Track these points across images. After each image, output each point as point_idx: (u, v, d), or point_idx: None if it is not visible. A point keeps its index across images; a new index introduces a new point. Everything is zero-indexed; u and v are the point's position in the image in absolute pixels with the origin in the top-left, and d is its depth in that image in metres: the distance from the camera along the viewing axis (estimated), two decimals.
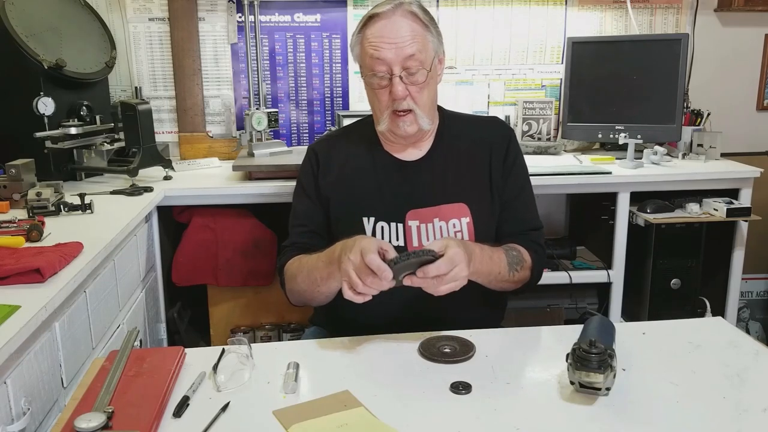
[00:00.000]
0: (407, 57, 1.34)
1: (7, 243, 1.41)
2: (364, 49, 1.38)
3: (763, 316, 2.96)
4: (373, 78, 1.37)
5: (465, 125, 1.53)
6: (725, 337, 1.22)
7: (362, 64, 1.41)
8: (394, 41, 1.34)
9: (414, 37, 1.35)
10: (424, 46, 1.37)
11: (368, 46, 1.36)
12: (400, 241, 1.41)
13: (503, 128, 1.54)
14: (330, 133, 1.61)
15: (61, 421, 0.92)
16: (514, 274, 1.38)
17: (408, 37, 1.34)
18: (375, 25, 1.36)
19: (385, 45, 1.34)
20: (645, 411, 0.97)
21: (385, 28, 1.35)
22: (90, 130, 2.14)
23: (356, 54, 1.43)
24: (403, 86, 1.35)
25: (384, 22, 1.35)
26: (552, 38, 2.70)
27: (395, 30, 1.34)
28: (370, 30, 1.37)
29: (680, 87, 2.43)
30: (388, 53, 1.34)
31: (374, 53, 1.35)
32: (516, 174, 1.49)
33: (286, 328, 2.28)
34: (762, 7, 2.69)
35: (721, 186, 2.33)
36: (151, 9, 2.52)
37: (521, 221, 1.48)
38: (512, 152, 1.50)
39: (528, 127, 2.69)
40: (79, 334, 1.35)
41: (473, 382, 1.04)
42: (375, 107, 1.43)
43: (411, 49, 1.34)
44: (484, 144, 1.48)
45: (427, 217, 1.42)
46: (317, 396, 1.01)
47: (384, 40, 1.34)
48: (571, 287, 2.37)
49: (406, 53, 1.34)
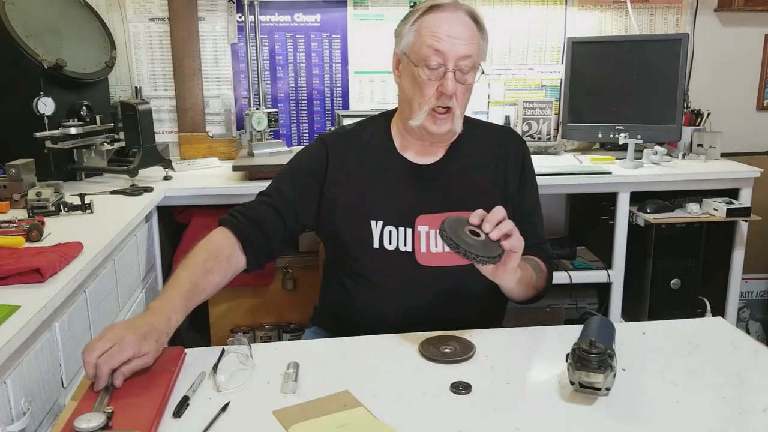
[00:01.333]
0: (463, 56, 1.33)
1: (7, 243, 1.41)
2: (421, 38, 1.34)
3: (763, 316, 2.96)
4: (424, 69, 1.34)
5: (480, 132, 1.50)
6: (725, 337, 1.22)
7: (414, 54, 1.36)
8: (455, 36, 1.32)
9: (472, 38, 1.34)
10: (478, 50, 1.36)
11: (427, 35, 1.33)
12: (408, 246, 1.39)
13: (518, 140, 1.53)
14: (342, 129, 1.56)
15: (61, 421, 0.92)
16: (537, 281, 1.39)
17: (467, 36, 1.34)
18: (437, 16, 1.34)
19: (445, 38, 1.32)
20: (645, 411, 0.97)
21: (447, 21, 1.33)
22: (90, 130, 2.14)
23: (407, 42, 1.38)
24: (455, 83, 1.33)
25: (447, 15, 1.34)
26: (552, 38, 2.70)
27: (457, 26, 1.33)
28: (431, 20, 1.34)
29: (680, 87, 2.43)
30: (448, 46, 1.32)
31: (434, 44, 1.32)
32: (531, 188, 1.50)
33: (286, 328, 2.28)
34: (762, 7, 2.69)
35: (721, 186, 2.33)
36: (151, 9, 2.52)
37: (535, 235, 1.46)
38: (528, 166, 1.50)
39: (528, 127, 2.69)
40: (79, 334, 1.35)
41: (473, 382, 1.04)
42: (414, 100, 1.37)
43: (469, 49, 1.33)
44: (499, 154, 1.47)
45: (438, 222, 1.40)
46: (317, 396, 1.01)
47: (445, 32, 1.32)
48: (571, 287, 2.37)
49: (463, 52, 1.32)
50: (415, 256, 1.38)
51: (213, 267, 1.27)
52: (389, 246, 1.39)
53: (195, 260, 1.27)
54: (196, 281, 1.23)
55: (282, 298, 2.25)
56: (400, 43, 1.41)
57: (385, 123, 1.50)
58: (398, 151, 1.46)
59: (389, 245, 1.39)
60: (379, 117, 1.53)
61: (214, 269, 1.28)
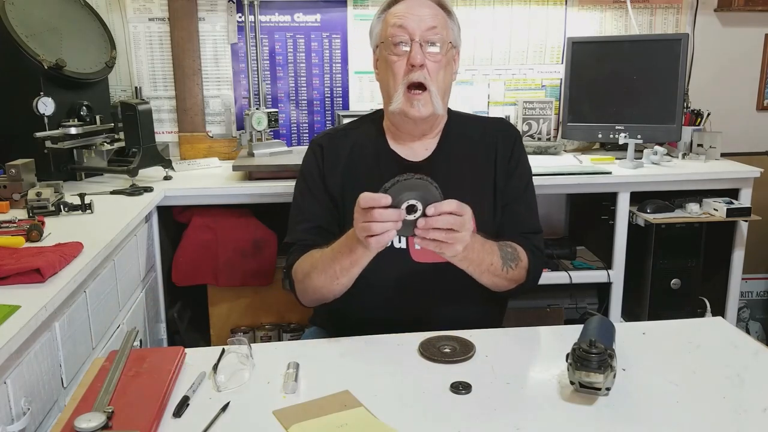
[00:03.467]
0: (429, 28, 1.37)
1: (7, 243, 1.41)
2: (386, 23, 1.40)
3: (763, 316, 2.96)
4: (392, 48, 1.38)
5: (471, 125, 1.52)
6: (725, 337, 1.22)
7: (382, 38, 1.42)
8: (418, 13, 1.37)
9: (436, 15, 1.39)
10: (445, 26, 1.41)
11: (391, 18, 1.39)
12: (402, 243, 1.40)
13: (510, 129, 1.53)
14: (333, 129, 1.58)
15: (61, 421, 0.92)
16: (508, 271, 1.35)
17: (431, 13, 1.39)
18: (399, 5, 1.41)
19: (408, 15, 1.38)
20: (645, 411, 0.97)
21: (409, 4, 1.39)
22: (90, 130, 2.14)
23: (376, 33, 1.44)
24: (422, 54, 1.36)
25: (410, 0, 1.40)
26: (552, 38, 2.70)
27: (419, 7, 1.39)
28: (395, 7, 1.41)
29: (680, 87, 2.43)
30: (411, 21, 1.37)
31: (397, 21, 1.37)
32: (519, 176, 1.48)
33: (286, 328, 2.28)
34: (762, 7, 2.69)
35: (721, 186, 2.33)
36: (151, 9, 2.52)
37: (520, 223, 1.46)
38: (516, 153, 1.49)
39: (528, 127, 2.69)
40: (79, 334, 1.35)
41: (473, 382, 1.04)
42: (389, 84, 1.40)
43: (433, 21, 1.38)
44: (489, 145, 1.48)
45: None
46: (317, 396, 1.01)
47: (408, 11, 1.38)
48: (571, 287, 2.36)
49: (428, 24, 1.37)
50: (409, 252, 1.40)
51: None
52: None
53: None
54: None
55: (282, 298, 2.25)
56: (372, 39, 1.47)
57: (378, 121, 1.51)
58: (390, 147, 1.47)
59: None
60: (373, 115, 1.55)
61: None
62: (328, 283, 1.31)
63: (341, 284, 1.30)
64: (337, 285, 1.30)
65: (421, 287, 1.39)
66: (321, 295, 1.36)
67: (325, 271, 1.29)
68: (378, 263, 1.39)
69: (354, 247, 1.21)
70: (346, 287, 1.32)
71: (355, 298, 1.41)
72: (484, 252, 1.28)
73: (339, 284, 1.30)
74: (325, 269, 1.29)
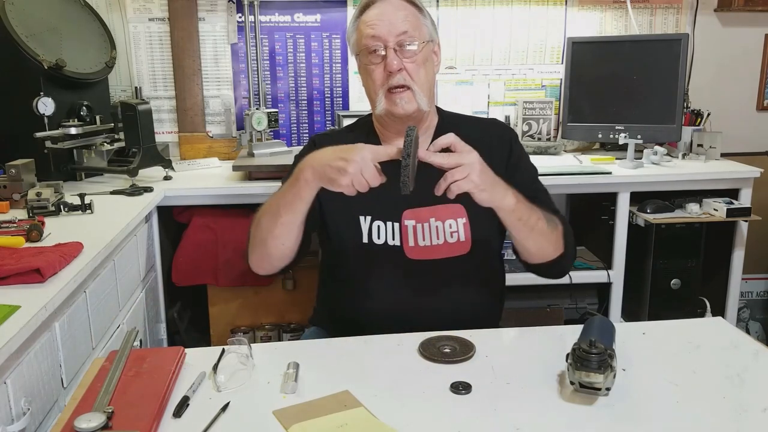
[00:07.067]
0: (401, 33, 1.36)
1: (7, 243, 1.41)
2: (359, 32, 1.40)
3: (763, 316, 2.96)
4: (368, 57, 1.38)
5: (464, 125, 1.51)
6: (725, 337, 1.21)
7: (358, 48, 1.42)
8: (388, 18, 1.37)
9: (407, 17, 1.38)
10: (418, 26, 1.40)
11: (364, 28, 1.39)
12: (396, 240, 1.41)
13: (504, 129, 1.54)
14: (332, 130, 1.61)
15: (61, 421, 0.92)
16: (552, 230, 1.34)
17: (401, 15, 1.38)
18: (370, 11, 1.40)
19: (378, 21, 1.37)
20: (645, 411, 0.97)
21: (379, 8, 1.39)
22: (90, 130, 2.14)
23: (353, 42, 1.44)
24: (398, 59, 1.36)
25: (378, 5, 1.40)
26: (552, 38, 2.70)
27: (389, 12, 1.38)
28: (366, 15, 1.40)
29: (680, 87, 2.43)
30: (381, 27, 1.36)
31: (369, 30, 1.37)
32: (523, 169, 1.48)
33: (286, 328, 2.28)
34: (762, 7, 2.69)
35: (721, 186, 2.33)
36: (151, 9, 2.52)
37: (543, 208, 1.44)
38: (516, 151, 1.49)
39: (528, 127, 2.69)
40: (79, 334, 1.35)
41: (473, 382, 1.04)
42: (370, 89, 1.42)
43: (404, 25, 1.37)
44: (483, 145, 1.46)
45: (424, 216, 1.42)
46: (317, 396, 1.01)
47: (378, 17, 1.38)
48: (571, 287, 2.36)
49: (399, 29, 1.36)
50: (403, 249, 1.40)
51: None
52: (378, 240, 1.41)
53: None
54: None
55: (282, 298, 2.25)
56: (350, 47, 1.47)
57: (369, 123, 1.52)
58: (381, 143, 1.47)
59: (378, 240, 1.41)
60: (366, 117, 1.56)
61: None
62: (272, 226, 1.31)
63: (285, 227, 1.30)
64: (281, 227, 1.30)
65: (414, 282, 1.40)
66: (265, 245, 1.35)
67: (270, 211, 1.31)
68: (374, 261, 1.40)
69: (299, 178, 1.23)
70: (288, 239, 1.32)
71: (352, 293, 1.43)
72: (531, 208, 1.28)
73: (283, 227, 1.30)
74: (270, 210, 1.32)
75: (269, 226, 1.33)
